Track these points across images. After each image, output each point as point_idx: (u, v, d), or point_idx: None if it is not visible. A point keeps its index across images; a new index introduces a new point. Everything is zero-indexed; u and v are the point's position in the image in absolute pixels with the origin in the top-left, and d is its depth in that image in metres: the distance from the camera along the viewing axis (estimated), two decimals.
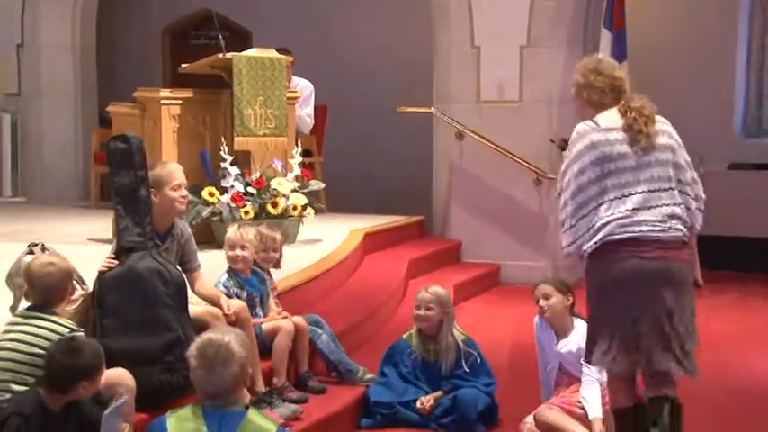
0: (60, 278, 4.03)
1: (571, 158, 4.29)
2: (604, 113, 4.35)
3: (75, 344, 3.70)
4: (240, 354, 3.39)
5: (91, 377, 3.61)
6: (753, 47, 10.67)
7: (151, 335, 4.35)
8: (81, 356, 3.60)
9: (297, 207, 7.41)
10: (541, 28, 8.96)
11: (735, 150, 10.32)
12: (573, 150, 4.30)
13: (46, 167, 10.60)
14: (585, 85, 4.44)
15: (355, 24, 11.28)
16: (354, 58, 11.11)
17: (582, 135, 4.28)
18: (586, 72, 4.45)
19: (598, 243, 4.15)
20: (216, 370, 3.34)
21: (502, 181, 9.07)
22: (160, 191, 4.70)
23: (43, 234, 6.17)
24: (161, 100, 7.33)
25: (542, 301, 5.10)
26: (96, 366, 3.64)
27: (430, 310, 5.39)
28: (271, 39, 9.20)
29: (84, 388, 3.59)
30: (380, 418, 5.27)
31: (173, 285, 4.48)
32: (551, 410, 5.02)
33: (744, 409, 5.23)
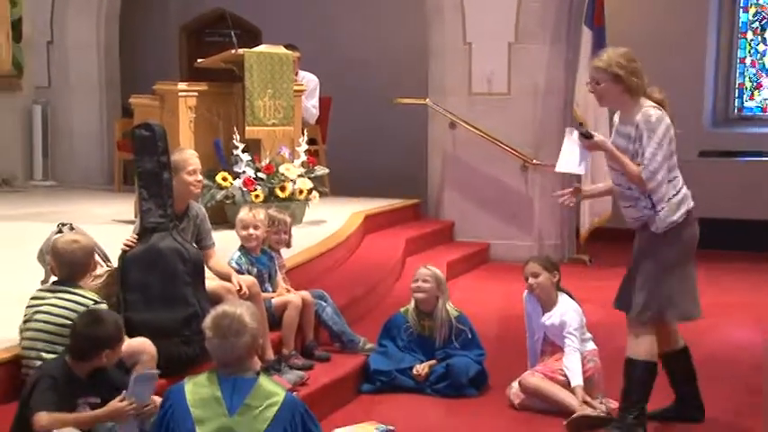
0: (83, 255, 4.04)
1: (661, 136, 4.38)
2: (647, 101, 4.48)
3: (96, 316, 3.72)
4: (251, 325, 3.39)
5: (112, 346, 3.62)
6: (721, 45, 10.65)
7: (171, 309, 4.35)
8: (102, 328, 3.62)
9: (303, 191, 7.41)
10: (528, 26, 8.94)
11: (704, 139, 10.31)
12: (659, 130, 4.40)
13: (74, 154, 10.62)
14: (633, 71, 4.48)
15: (357, 23, 11.26)
16: (356, 55, 11.09)
17: (661, 118, 4.42)
18: (627, 61, 4.50)
19: (684, 214, 4.41)
20: (229, 339, 3.33)
21: (491, 167, 9.07)
22: (177, 175, 4.69)
23: (71, 215, 6.17)
24: (178, 92, 7.32)
25: (531, 279, 5.11)
26: (117, 337, 3.65)
27: (426, 283, 5.41)
28: (279, 36, 9.18)
29: (107, 356, 3.61)
30: (380, 384, 5.29)
31: (191, 263, 4.48)
32: (535, 377, 5.04)
33: (711, 374, 5.24)
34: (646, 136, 4.38)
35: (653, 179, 4.36)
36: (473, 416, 5.00)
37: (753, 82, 10.74)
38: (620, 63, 4.47)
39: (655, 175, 4.35)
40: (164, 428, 3.33)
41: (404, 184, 9.83)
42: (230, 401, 3.28)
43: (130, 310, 4.33)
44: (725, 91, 10.73)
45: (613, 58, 4.48)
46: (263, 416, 3.27)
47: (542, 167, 8.92)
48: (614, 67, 4.46)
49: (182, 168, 4.74)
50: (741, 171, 9.98)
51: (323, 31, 11.12)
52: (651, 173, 4.35)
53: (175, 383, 3.51)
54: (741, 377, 5.24)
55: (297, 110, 7.87)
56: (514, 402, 5.06)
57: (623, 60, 4.49)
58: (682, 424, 4.73)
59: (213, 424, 3.26)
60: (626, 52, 4.56)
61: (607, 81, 4.49)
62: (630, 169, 4.40)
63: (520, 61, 8.98)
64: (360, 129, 10.74)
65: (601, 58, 4.54)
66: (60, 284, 3.98)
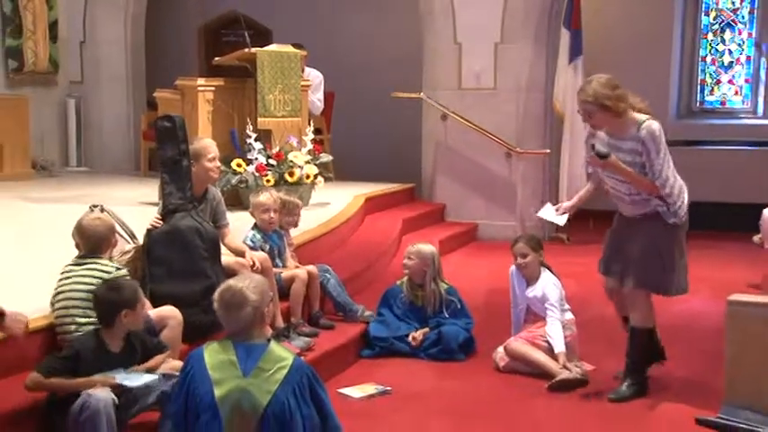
0: (105, 231, 4.04)
1: (664, 145, 4.45)
2: (634, 113, 4.47)
3: (113, 283, 3.73)
4: (253, 298, 3.32)
5: (131, 306, 3.59)
6: (685, 45, 10.64)
7: (191, 281, 4.34)
8: (120, 291, 3.62)
9: (309, 176, 7.38)
10: (512, 28, 8.91)
11: (670, 130, 10.09)
12: (662, 141, 4.44)
13: (104, 143, 10.61)
14: (618, 98, 4.43)
15: (358, 25, 11.23)
16: (357, 54, 11.06)
17: (660, 128, 4.47)
18: (611, 89, 4.44)
19: (686, 203, 4.55)
20: (231, 311, 3.31)
21: (479, 154, 9.05)
22: (198, 161, 4.67)
23: (102, 197, 6.11)
24: (197, 87, 7.29)
25: (520, 259, 5.12)
26: (134, 299, 3.63)
27: (410, 260, 5.45)
28: (288, 36, 9.14)
29: (126, 317, 3.58)
30: (379, 349, 5.29)
31: (208, 241, 4.46)
32: (518, 342, 5.04)
33: (678, 338, 5.26)
34: (654, 150, 4.40)
35: (666, 185, 4.42)
36: (462, 378, 4.99)
37: (713, 78, 10.71)
38: (605, 94, 4.42)
39: (667, 182, 4.42)
40: (185, 389, 3.31)
41: (400, 170, 9.81)
42: (244, 365, 3.27)
43: (155, 282, 4.32)
44: (688, 86, 10.71)
45: (599, 91, 4.43)
46: (274, 377, 3.25)
47: (525, 155, 8.91)
48: (601, 98, 4.42)
49: (203, 156, 4.72)
50: (703, 158, 9.95)
51: (327, 32, 11.08)
52: (665, 180, 4.41)
53: (195, 349, 3.49)
54: (705, 341, 5.25)
55: (304, 103, 7.85)
56: (499, 365, 5.06)
57: (608, 91, 4.44)
58: (653, 383, 4.72)
59: (229, 384, 3.24)
60: (608, 81, 4.49)
61: (597, 112, 4.46)
62: (643, 182, 4.44)
63: (505, 60, 8.95)
64: (361, 120, 10.72)
65: (588, 92, 4.47)
66: (85, 257, 3.97)
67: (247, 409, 3.22)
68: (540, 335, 5.02)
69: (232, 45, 9.79)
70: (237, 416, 3.22)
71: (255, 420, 3.21)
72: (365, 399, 4.61)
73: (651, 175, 4.40)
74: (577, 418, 4.41)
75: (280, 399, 3.23)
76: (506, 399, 4.66)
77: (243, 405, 3.21)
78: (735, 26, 10.59)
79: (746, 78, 10.56)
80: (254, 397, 3.22)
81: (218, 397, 3.22)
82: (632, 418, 4.26)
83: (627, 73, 10.18)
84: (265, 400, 3.22)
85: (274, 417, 3.22)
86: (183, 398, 3.30)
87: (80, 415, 3.32)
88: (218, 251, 4.55)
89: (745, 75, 10.57)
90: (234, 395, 3.22)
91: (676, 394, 4.65)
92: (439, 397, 4.69)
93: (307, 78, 8.45)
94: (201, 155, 4.71)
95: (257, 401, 3.22)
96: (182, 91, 7.43)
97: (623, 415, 4.37)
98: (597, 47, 9.68)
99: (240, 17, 8.45)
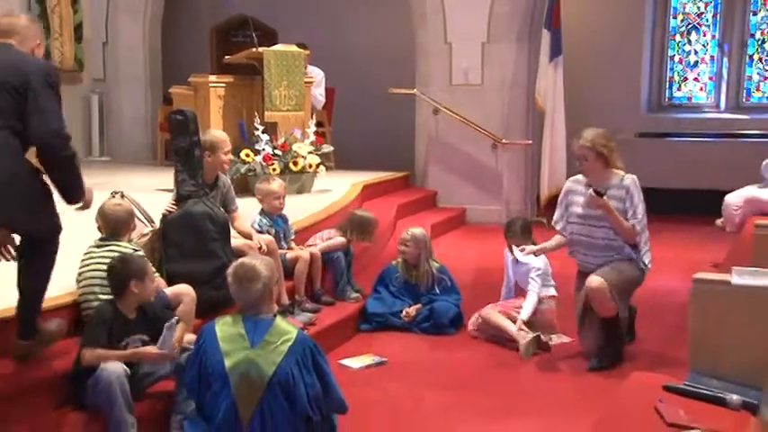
0: (125, 216, 4.01)
1: (642, 196, 4.59)
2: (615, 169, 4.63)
3: (123, 257, 3.69)
4: (264, 274, 3.33)
5: (139, 278, 3.53)
6: (654, 45, 10.57)
7: (203, 261, 4.32)
8: (128, 264, 3.58)
9: (312, 165, 7.36)
10: (498, 29, 8.85)
11: (641, 123, 10.28)
12: (641, 192, 4.60)
13: (124, 134, 10.55)
14: (612, 149, 4.60)
15: (357, 26, 11.15)
16: (356, 52, 10.99)
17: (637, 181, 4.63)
18: (607, 140, 4.60)
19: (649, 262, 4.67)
20: (244, 285, 3.30)
21: (467, 145, 9.01)
22: (214, 153, 4.65)
23: (122, 184, 6.08)
24: (209, 84, 7.25)
25: (515, 248, 5.10)
26: (142, 271, 3.57)
27: (407, 246, 5.44)
28: (292, 37, 9.09)
29: (136, 286, 3.53)
30: (375, 324, 5.29)
31: (219, 224, 4.43)
32: (493, 311, 5.07)
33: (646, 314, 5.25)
34: (637, 197, 4.55)
35: (643, 231, 4.56)
36: (452, 350, 5.00)
37: (680, 76, 10.66)
38: (603, 144, 4.57)
39: (645, 227, 4.57)
40: (198, 359, 3.31)
41: (395, 160, 9.77)
42: (252, 337, 3.27)
43: (170, 262, 4.30)
44: (658, 83, 10.66)
45: (597, 139, 4.57)
46: (279, 350, 3.25)
47: (509, 146, 8.88)
48: (599, 147, 4.55)
49: (220, 149, 4.69)
50: (671, 149, 9.96)
51: (329, 33, 11.01)
52: (643, 226, 4.56)
53: (207, 323, 3.48)
54: (673, 315, 5.25)
55: (307, 98, 7.81)
56: (471, 331, 5.10)
57: (605, 141, 4.59)
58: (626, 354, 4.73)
59: (238, 356, 3.24)
60: (605, 133, 4.65)
61: (593, 158, 4.57)
62: (625, 225, 4.52)
63: (491, 58, 8.90)
64: (359, 114, 10.66)
65: (587, 138, 4.59)
66: (105, 240, 3.94)
67: (255, 378, 3.21)
68: (515, 306, 5.04)
69: (241, 45, 9.73)
70: (245, 384, 3.21)
71: (262, 388, 3.21)
72: (363, 369, 4.61)
73: (633, 218, 4.52)
74: (558, 387, 4.41)
75: (284, 369, 3.22)
76: (493, 369, 4.66)
77: (251, 374, 3.21)
78: (700, 28, 10.54)
79: (710, 76, 10.53)
80: (261, 367, 3.22)
81: (227, 367, 3.22)
82: (607, 385, 4.26)
83: (602, 71, 10.26)
84: (271, 370, 3.21)
85: (279, 385, 3.22)
86: (197, 367, 3.31)
87: (96, 387, 3.31)
88: (228, 234, 4.52)
89: (709, 73, 10.53)
90: (242, 365, 3.22)
91: (647, 364, 4.66)
92: (431, 367, 4.69)
93: (310, 75, 8.41)
94: (219, 147, 4.69)
95: (264, 371, 3.21)
96: (195, 87, 7.39)
97: (599, 383, 4.38)
98: (576, 46, 9.65)
99: (248, 19, 8.42)
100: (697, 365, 3.47)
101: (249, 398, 3.21)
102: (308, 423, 3.27)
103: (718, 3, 10.40)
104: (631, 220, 4.51)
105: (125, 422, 3.29)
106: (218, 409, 3.22)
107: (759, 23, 10.28)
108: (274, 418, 3.21)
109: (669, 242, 7.96)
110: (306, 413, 3.25)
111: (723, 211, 6.97)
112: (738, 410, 3.09)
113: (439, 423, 3.89)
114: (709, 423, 2.89)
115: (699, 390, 3.25)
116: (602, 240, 4.60)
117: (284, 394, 3.22)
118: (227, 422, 3.21)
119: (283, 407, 3.22)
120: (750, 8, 10.29)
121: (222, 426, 3.21)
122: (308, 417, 3.26)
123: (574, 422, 3.77)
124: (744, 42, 10.32)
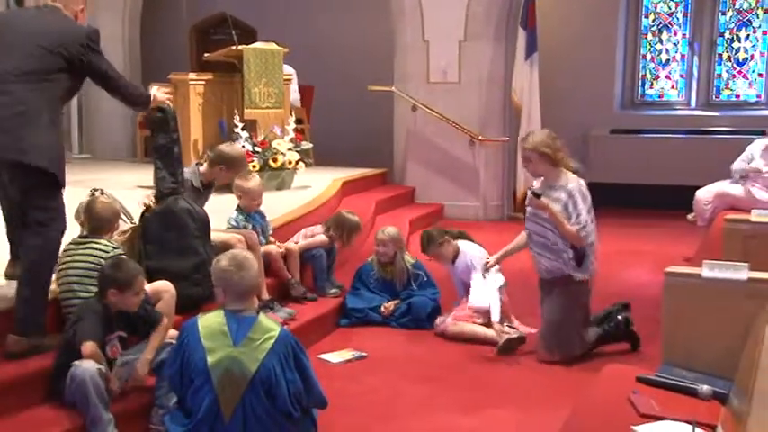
0: (109, 215, 3.97)
1: (589, 201, 4.54)
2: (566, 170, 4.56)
3: (116, 261, 3.65)
4: (255, 264, 3.40)
5: (119, 287, 3.47)
6: (627, 44, 10.65)
7: (183, 258, 4.30)
8: (115, 269, 3.53)
9: (291, 162, 7.34)
10: (474, 28, 8.87)
11: (615, 119, 10.35)
12: (588, 197, 4.53)
13: (104, 132, 10.46)
14: (557, 148, 4.52)
15: (336, 25, 11.12)
16: (335, 50, 10.97)
17: (585, 187, 4.55)
18: (551, 140, 4.53)
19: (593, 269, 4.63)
20: (243, 271, 3.30)
21: (445, 142, 9.02)
22: (229, 171, 4.76)
23: (102, 182, 6.05)
24: (189, 81, 7.22)
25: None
26: (126, 281, 3.49)
27: (384, 247, 5.43)
28: (272, 35, 9.05)
29: (114, 295, 3.48)
30: (355, 319, 5.28)
31: (199, 221, 4.42)
32: (456, 325, 5.02)
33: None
34: (580, 201, 4.48)
35: (588, 236, 4.49)
36: (429, 343, 5.01)
37: (652, 74, 10.74)
38: (546, 143, 4.49)
39: (589, 232, 4.49)
40: (180, 355, 3.29)
41: (374, 156, 9.77)
42: (235, 335, 3.25)
43: (150, 258, 4.27)
44: (631, 81, 10.74)
45: (538, 141, 4.51)
46: (262, 347, 3.24)
47: (486, 142, 8.90)
48: (541, 147, 4.49)
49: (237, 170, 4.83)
50: (644, 145, 10.01)
51: (308, 31, 10.98)
52: (587, 232, 4.48)
53: (189, 319, 3.45)
54: (646, 308, 5.26)
55: (286, 95, 7.79)
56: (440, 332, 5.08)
57: (548, 141, 4.51)
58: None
59: (221, 353, 3.22)
60: (548, 134, 4.59)
61: (535, 159, 4.52)
62: (567, 229, 4.47)
63: (468, 56, 8.91)
64: (338, 111, 10.65)
65: (529, 141, 4.55)
66: (86, 237, 3.91)
67: (237, 375, 3.20)
68: (466, 315, 5.02)
69: (220, 43, 9.65)
70: (228, 381, 3.20)
71: (244, 385, 3.20)
72: (343, 363, 4.60)
73: (576, 223, 4.46)
74: (534, 379, 4.43)
75: (267, 366, 3.21)
76: (470, 362, 4.67)
77: (233, 371, 3.20)
78: (671, 27, 10.63)
79: (681, 74, 10.62)
80: (244, 364, 3.20)
81: (210, 363, 3.20)
82: (582, 377, 4.29)
83: (577, 69, 10.32)
84: (254, 367, 3.20)
85: (261, 382, 3.21)
86: (179, 363, 3.29)
87: (71, 384, 3.29)
88: (208, 230, 4.51)
89: (680, 71, 10.62)
90: (225, 362, 3.21)
91: (621, 355, 4.70)
92: (410, 361, 4.70)
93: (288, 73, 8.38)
94: (238, 168, 4.79)
95: (247, 368, 3.20)
96: (174, 85, 7.31)
97: (574, 375, 4.41)
98: (550, 45, 9.70)
99: (228, 17, 8.35)
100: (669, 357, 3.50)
101: (231, 394, 3.20)
102: (289, 418, 3.27)
103: (689, 2, 10.49)
104: (574, 224, 4.46)
105: (101, 419, 3.25)
106: (199, 404, 3.21)
107: (728, 23, 10.39)
108: (255, 414, 3.20)
109: (642, 236, 8.04)
110: (286, 410, 3.24)
111: (694, 206, 7.03)
112: (709, 400, 3.12)
113: (418, 415, 3.90)
114: (681, 413, 2.91)
115: (670, 381, 3.28)
116: (542, 239, 4.58)
117: (266, 391, 3.21)
118: (209, 417, 3.19)
119: (264, 403, 3.21)
120: (719, 8, 10.40)
121: (203, 421, 3.19)
122: (288, 412, 3.26)
123: (549, 413, 3.79)
124: (713, 41, 10.43)
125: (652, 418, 2.91)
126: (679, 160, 9.61)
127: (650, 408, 3.00)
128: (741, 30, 10.35)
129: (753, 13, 10.31)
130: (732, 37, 10.39)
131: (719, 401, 3.08)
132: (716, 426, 2.75)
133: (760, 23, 10.28)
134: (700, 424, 2.63)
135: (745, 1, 10.31)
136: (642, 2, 10.63)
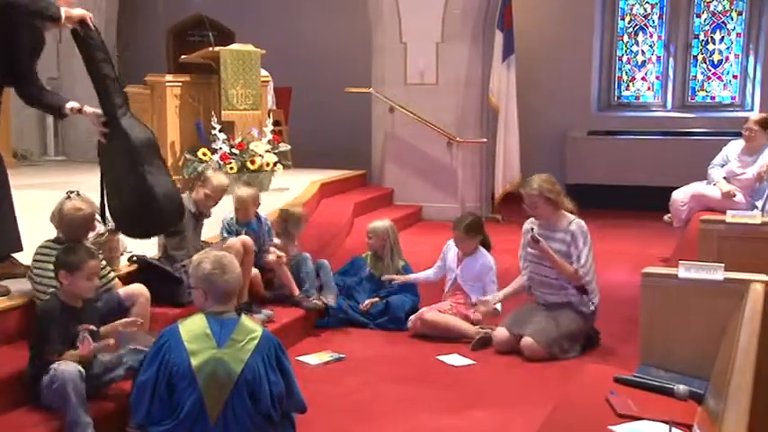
0: (84, 220, 3.93)
1: (590, 241, 4.71)
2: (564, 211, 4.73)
3: (70, 246, 3.63)
4: (238, 266, 3.42)
5: (68, 269, 3.46)
6: (603, 46, 10.72)
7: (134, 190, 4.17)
8: (68, 253, 3.52)
9: (269, 163, 7.32)
10: (451, 29, 8.88)
11: (592, 121, 10.41)
12: (589, 237, 4.71)
13: (80, 133, 10.32)
14: (558, 192, 4.71)
15: (313, 27, 11.10)
16: (313, 53, 10.94)
17: (586, 226, 4.74)
18: (551, 185, 4.71)
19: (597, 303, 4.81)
20: (228, 272, 3.29)
21: (423, 143, 9.02)
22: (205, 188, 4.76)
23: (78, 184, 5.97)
24: (166, 83, 7.17)
25: (458, 241, 5.19)
26: (75, 264, 3.47)
27: (369, 239, 5.54)
28: (249, 37, 9.01)
29: (64, 277, 3.47)
30: (334, 318, 5.26)
31: (144, 146, 4.34)
32: (433, 312, 5.10)
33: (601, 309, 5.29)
34: (582, 242, 4.65)
35: (588, 275, 4.65)
36: (408, 345, 5.01)
37: (628, 76, 10.82)
38: (549, 189, 4.67)
39: (589, 272, 4.66)
40: (159, 359, 3.22)
41: (352, 158, 9.76)
42: (219, 337, 3.23)
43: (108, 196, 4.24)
44: (607, 82, 10.81)
45: (543, 186, 4.68)
46: (246, 348, 3.23)
47: (464, 144, 8.93)
48: (546, 192, 4.67)
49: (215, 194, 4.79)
50: (620, 146, 10.08)
51: (286, 33, 10.95)
52: (586, 271, 4.64)
53: (171, 325, 3.41)
54: (624, 308, 5.32)
55: (263, 97, 7.77)
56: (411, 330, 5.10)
57: (550, 185, 4.69)
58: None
59: (205, 355, 3.20)
60: (549, 177, 4.76)
61: (543, 204, 4.69)
62: (567, 269, 4.64)
63: (445, 58, 8.92)
64: (316, 113, 10.63)
65: (533, 186, 4.70)
66: (61, 242, 3.85)
67: (223, 376, 3.18)
68: (448, 308, 5.10)
69: (198, 45, 9.59)
70: (213, 383, 3.18)
71: (230, 386, 3.19)
72: (322, 365, 4.60)
73: (576, 263, 4.62)
74: (513, 379, 4.45)
75: (251, 366, 3.21)
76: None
77: (219, 373, 3.18)
78: (646, 29, 10.72)
79: (657, 76, 10.71)
80: (229, 365, 3.20)
81: (194, 366, 3.18)
82: (560, 375, 4.31)
83: (554, 70, 10.37)
84: (239, 368, 3.20)
85: (246, 383, 3.20)
86: (156, 367, 3.23)
87: (51, 386, 3.26)
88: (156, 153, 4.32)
89: (656, 72, 10.71)
90: (210, 363, 3.19)
91: (599, 355, 4.74)
92: (388, 362, 4.69)
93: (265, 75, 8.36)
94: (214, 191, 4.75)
95: (232, 369, 3.19)
96: (151, 86, 7.28)
97: (553, 375, 4.43)
98: (527, 47, 9.74)
99: (205, 19, 8.32)
100: (647, 357, 3.52)
101: (217, 396, 3.18)
102: (269, 421, 3.26)
103: (664, 5, 10.59)
104: (575, 264, 4.64)
105: (81, 422, 3.22)
106: (182, 405, 3.18)
107: (702, 25, 10.50)
108: (238, 416, 3.19)
109: (619, 237, 8.09)
110: (267, 412, 3.23)
111: (670, 207, 7.08)
112: (685, 400, 3.14)
113: (397, 416, 3.90)
114: (658, 413, 2.94)
115: (647, 381, 3.31)
116: (555, 280, 4.75)
117: (249, 392, 3.21)
118: (191, 416, 3.16)
119: (247, 405, 3.20)
120: (694, 10, 10.50)
121: (186, 420, 3.16)
122: (268, 415, 3.24)
123: (528, 413, 3.81)
124: (688, 43, 10.53)
125: (629, 419, 2.93)
126: (655, 161, 9.70)
127: (628, 408, 3.02)
128: (716, 32, 10.47)
129: (727, 15, 10.43)
130: (707, 39, 10.50)
131: (696, 401, 3.11)
132: (692, 425, 2.78)
133: (734, 26, 10.40)
134: (676, 424, 2.65)
135: (719, 3, 10.43)
136: (618, 4, 10.71)
